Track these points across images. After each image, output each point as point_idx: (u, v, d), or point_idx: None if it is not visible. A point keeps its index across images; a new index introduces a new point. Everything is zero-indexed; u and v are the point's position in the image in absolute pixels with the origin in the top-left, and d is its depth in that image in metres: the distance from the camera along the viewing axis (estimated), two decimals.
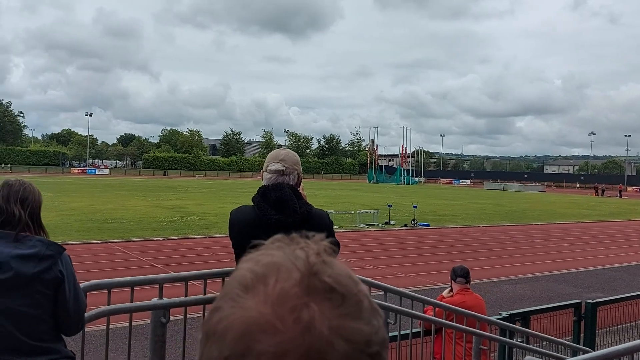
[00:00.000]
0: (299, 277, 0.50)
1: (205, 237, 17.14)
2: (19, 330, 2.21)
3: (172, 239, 16.63)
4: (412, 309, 3.65)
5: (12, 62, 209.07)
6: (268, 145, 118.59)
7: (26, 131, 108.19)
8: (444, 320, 4.12)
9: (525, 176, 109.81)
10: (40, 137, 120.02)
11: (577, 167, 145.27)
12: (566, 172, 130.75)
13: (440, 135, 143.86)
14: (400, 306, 3.53)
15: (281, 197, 2.47)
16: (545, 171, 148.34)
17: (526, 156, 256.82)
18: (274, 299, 0.49)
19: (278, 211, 2.45)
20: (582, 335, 6.56)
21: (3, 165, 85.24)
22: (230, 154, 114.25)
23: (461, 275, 5.03)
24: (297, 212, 2.46)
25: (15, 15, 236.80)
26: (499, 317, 5.38)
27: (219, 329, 0.49)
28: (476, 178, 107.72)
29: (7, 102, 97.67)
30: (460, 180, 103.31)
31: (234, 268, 2.22)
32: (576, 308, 6.59)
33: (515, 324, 5.33)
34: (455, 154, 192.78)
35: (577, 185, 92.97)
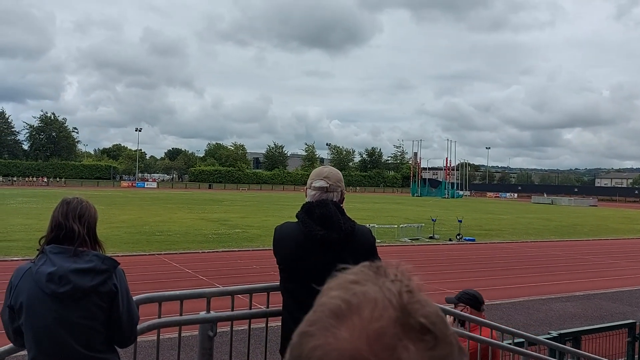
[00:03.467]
0: (394, 314, 0.49)
1: (249, 250, 17.37)
2: (76, 341, 2.32)
3: (217, 252, 16.93)
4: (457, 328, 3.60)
5: (66, 80, 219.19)
6: (310, 158, 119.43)
7: (79, 146, 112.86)
8: (491, 340, 4.04)
9: (576, 190, 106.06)
10: (92, 152, 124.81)
11: (630, 180, 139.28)
12: (619, 186, 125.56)
13: (486, 148, 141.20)
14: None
15: (326, 213, 2.48)
16: (596, 184, 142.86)
17: (576, 169, 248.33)
18: (371, 334, 0.48)
19: (323, 227, 2.46)
20: (636, 356, 6.27)
21: (58, 179, 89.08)
22: (273, 167, 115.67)
23: (482, 301, 3.94)
24: (342, 228, 2.46)
25: (68, 35, 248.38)
26: (548, 336, 5.21)
27: (314, 357, 0.49)
28: (524, 192, 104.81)
29: (63, 119, 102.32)
30: (507, 194, 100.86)
31: (278, 284, 2.24)
32: (630, 328, 6.31)
33: (565, 345, 5.15)
34: (501, 167, 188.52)
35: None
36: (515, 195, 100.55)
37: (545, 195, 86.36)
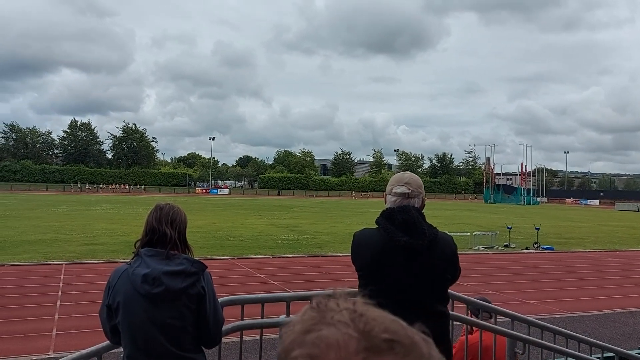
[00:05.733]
0: (359, 345, 0.49)
1: (318, 256, 17.49)
2: (168, 340, 2.44)
3: (287, 257, 17.17)
4: (542, 339, 3.46)
5: (145, 93, 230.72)
6: (378, 164, 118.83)
7: (158, 155, 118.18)
8: (574, 352, 3.85)
9: None
10: (169, 160, 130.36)
11: None
12: None
13: (564, 152, 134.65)
14: (530, 335, 3.36)
15: (408, 219, 2.43)
16: None
17: None
18: None
19: (406, 234, 2.40)
20: None
21: (138, 186, 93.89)
22: (341, 173, 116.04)
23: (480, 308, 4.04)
24: (426, 234, 2.40)
25: (146, 50, 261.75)
26: None
27: None
28: (606, 198, 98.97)
29: (143, 129, 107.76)
30: (588, 201, 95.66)
31: (356, 290, 2.25)
32: None
33: None
34: (581, 172, 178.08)
35: None
36: (597, 201, 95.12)
37: None
